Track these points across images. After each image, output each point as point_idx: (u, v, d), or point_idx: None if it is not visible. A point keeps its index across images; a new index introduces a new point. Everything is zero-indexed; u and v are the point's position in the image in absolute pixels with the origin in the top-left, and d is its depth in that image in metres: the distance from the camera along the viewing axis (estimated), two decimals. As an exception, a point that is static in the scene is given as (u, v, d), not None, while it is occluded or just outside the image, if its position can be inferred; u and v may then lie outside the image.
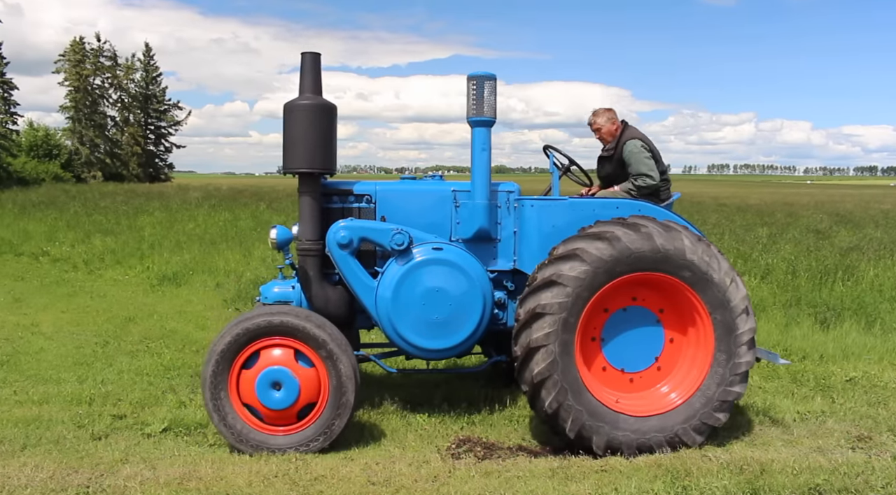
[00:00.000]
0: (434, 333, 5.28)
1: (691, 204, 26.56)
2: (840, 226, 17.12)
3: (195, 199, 23.93)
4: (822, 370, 7.26)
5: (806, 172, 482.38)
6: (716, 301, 4.98)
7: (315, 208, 5.47)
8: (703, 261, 4.95)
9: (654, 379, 5.27)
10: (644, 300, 5.23)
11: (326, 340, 4.95)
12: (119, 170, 52.45)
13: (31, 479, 4.45)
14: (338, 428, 4.99)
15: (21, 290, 12.14)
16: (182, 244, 15.29)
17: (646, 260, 4.92)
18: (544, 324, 4.85)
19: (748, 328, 5.02)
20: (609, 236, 4.91)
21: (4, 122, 40.25)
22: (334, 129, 5.46)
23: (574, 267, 4.87)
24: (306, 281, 5.47)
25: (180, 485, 4.37)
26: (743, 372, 5.05)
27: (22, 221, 19.56)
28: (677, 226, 5.08)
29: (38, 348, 8.13)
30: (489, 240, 5.57)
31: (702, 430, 5.05)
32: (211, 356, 4.95)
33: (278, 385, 4.92)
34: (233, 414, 4.97)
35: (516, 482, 4.50)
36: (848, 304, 9.37)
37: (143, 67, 57.09)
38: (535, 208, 5.47)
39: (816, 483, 4.38)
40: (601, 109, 6.29)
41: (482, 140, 5.40)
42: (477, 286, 5.28)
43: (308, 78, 5.33)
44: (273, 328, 4.95)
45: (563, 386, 4.87)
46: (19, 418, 5.72)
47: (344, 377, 4.94)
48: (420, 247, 5.36)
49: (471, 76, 5.30)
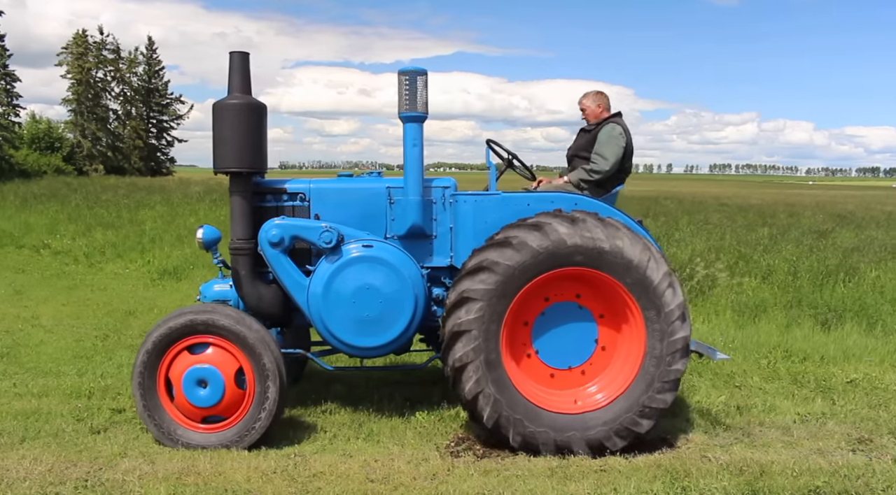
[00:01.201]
0: (365, 331, 5.27)
1: (693, 203, 26.47)
2: (842, 227, 17.07)
3: (196, 194, 23.88)
4: (822, 371, 7.24)
5: (808, 173, 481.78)
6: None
7: (246, 207, 5.46)
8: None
9: (604, 361, 5.18)
10: (557, 295, 5.15)
11: (192, 318, 5.00)
12: (121, 163, 52.38)
13: (30, 472, 4.45)
14: (270, 365, 4.98)
15: (22, 283, 12.15)
16: (183, 238, 15.28)
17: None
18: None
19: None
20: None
21: (7, 114, 40.20)
22: (264, 129, 5.45)
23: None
24: (239, 280, 5.47)
25: (179, 480, 4.37)
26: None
27: (23, 214, 19.55)
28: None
29: (38, 341, 8.14)
30: (424, 237, 5.54)
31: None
32: (142, 414, 5.04)
33: (203, 382, 4.96)
34: (201, 437, 5.02)
35: (515, 481, 4.49)
36: (849, 306, 9.36)
37: (145, 61, 56.98)
38: (469, 204, 5.45)
39: (816, 485, 4.37)
40: (592, 92, 6.27)
41: (414, 135, 5.37)
42: (408, 283, 5.26)
43: (237, 77, 5.31)
44: (155, 351, 5.00)
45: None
46: (18, 411, 5.72)
47: (231, 328, 4.97)
48: (351, 245, 5.34)
49: (402, 71, 5.28)
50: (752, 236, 14.59)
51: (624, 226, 5.05)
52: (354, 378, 6.82)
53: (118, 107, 55.01)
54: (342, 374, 6.89)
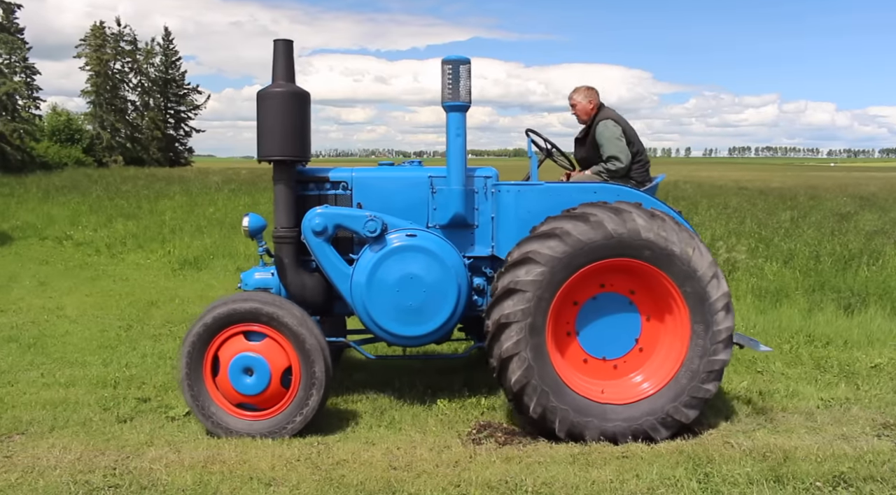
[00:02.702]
0: (408, 320, 5.28)
1: (712, 187, 26.22)
2: (864, 210, 16.84)
3: (215, 184, 24.05)
4: (846, 356, 7.17)
5: (830, 154, 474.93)
6: (682, 273, 4.90)
7: (290, 196, 5.47)
8: (660, 237, 4.86)
9: (638, 361, 5.21)
10: (612, 285, 5.16)
11: (259, 307, 5.00)
12: (139, 154, 52.79)
13: (60, 460, 4.54)
14: (321, 374, 5.00)
15: (46, 274, 12.33)
16: (203, 228, 15.42)
17: (602, 248, 4.85)
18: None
19: (721, 293, 4.94)
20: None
21: (28, 107, 40.57)
22: (308, 117, 5.45)
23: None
24: (282, 268, 5.49)
25: (204, 468, 4.43)
26: (724, 338, 4.96)
27: (46, 205, 19.80)
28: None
29: (64, 331, 8.26)
30: (466, 226, 5.53)
31: (693, 405, 4.98)
32: (182, 383, 5.06)
33: (249, 370, 4.98)
34: (232, 420, 5.05)
35: (537, 468, 4.50)
36: (873, 290, 9.24)
37: (162, 51, 57.23)
38: (511, 194, 5.43)
39: (841, 471, 4.34)
40: (582, 87, 6.23)
41: (457, 125, 5.35)
42: (451, 272, 5.26)
43: (281, 65, 5.30)
44: (210, 328, 5.01)
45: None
46: (47, 400, 5.82)
47: (294, 327, 4.98)
48: (394, 234, 5.35)
49: (445, 60, 5.23)
50: (773, 220, 14.44)
51: (669, 217, 5.04)
52: (376, 366, 6.86)
53: (136, 98, 55.37)
54: (364, 362, 6.93)
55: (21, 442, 4.94)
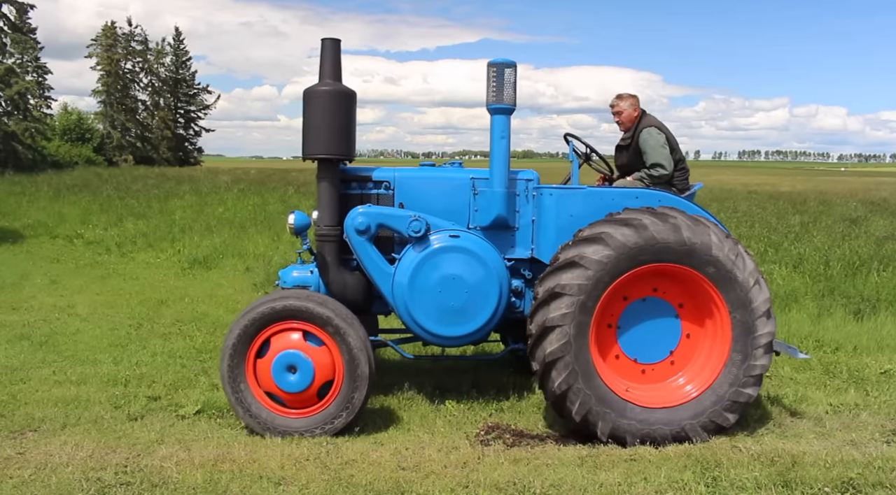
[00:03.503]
0: (450, 320, 5.31)
1: (721, 191, 26.13)
2: (875, 215, 16.74)
3: (224, 183, 24.12)
4: (855, 362, 7.16)
5: (840, 159, 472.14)
6: (737, 300, 4.93)
7: (333, 194, 5.50)
8: (728, 259, 4.90)
9: (666, 373, 5.24)
10: (665, 292, 5.19)
11: (331, 316, 5.00)
12: (149, 153, 53.05)
13: (72, 457, 4.58)
14: (358, 401, 5.03)
15: (57, 272, 12.41)
16: (212, 228, 15.47)
17: (671, 251, 4.88)
18: (562, 304, 4.85)
19: (767, 331, 4.97)
20: (636, 223, 4.88)
21: (39, 106, 40.84)
22: (354, 116, 5.48)
23: (598, 250, 4.85)
24: (324, 266, 5.52)
25: (214, 467, 4.46)
26: (757, 375, 5.00)
27: (57, 204, 19.91)
28: (706, 222, 5.03)
29: (75, 329, 8.32)
30: (507, 229, 5.55)
31: (709, 428, 5.01)
32: (224, 351, 5.05)
33: (293, 368, 4.99)
34: (256, 404, 5.07)
35: (545, 470, 4.51)
36: (883, 295, 9.20)
37: (172, 51, 57.53)
38: (553, 197, 5.45)
39: (850, 477, 4.33)
40: (626, 94, 6.22)
41: (501, 127, 5.38)
42: (493, 274, 5.29)
43: (328, 64, 5.33)
44: (277, 314, 5.02)
45: (574, 368, 4.86)
46: (59, 398, 5.87)
47: (355, 349, 4.99)
48: (437, 235, 5.38)
49: (491, 63, 5.26)
50: (783, 224, 14.39)
51: (712, 223, 5.07)
52: (384, 366, 6.88)
53: (146, 97, 55.66)
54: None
55: (34, 439, 4.99)
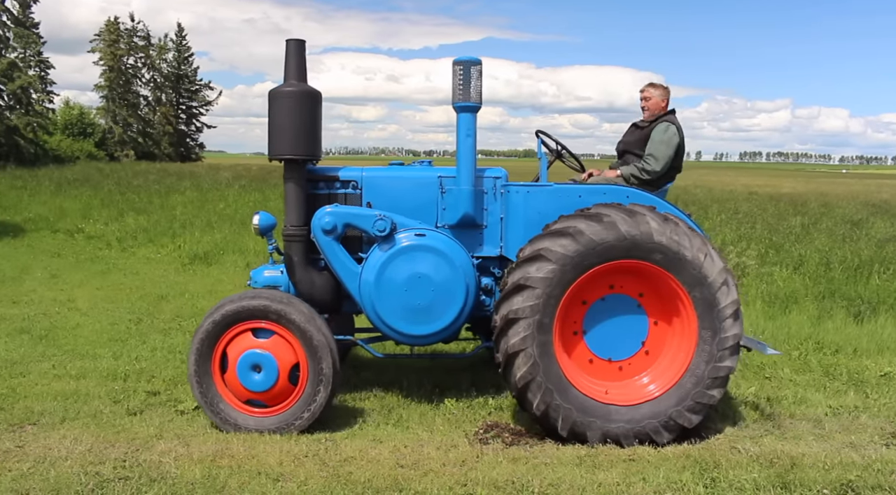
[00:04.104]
0: (416, 319, 5.31)
1: (723, 192, 26.13)
2: (876, 217, 16.73)
3: (226, 179, 24.15)
4: (855, 364, 7.15)
5: (841, 161, 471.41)
6: (692, 279, 4.90)
7: (300, 194, 5.50)
8: (672, 241, 4.86)
9: (643, 364, 5.22)
10: (622, 287, 5.17)
11: (267, 305, 5.02)
12: (151, 149, 53.09)
13: (71, 451, 4.58)
14: (327, 370, 5.03)
15: (57, 266, 12.42)
16: (213, 224, 15.48)
17: (614, 249, 4.86)
18: (519, 329, 4.84)
19: (730, 301, 4.93)
20: (572, 231, 4.86)
21: (41, 101, 40.86)
22: (319, 116, 5.47)
23: (541, 267, 4.84)
24: (292, 266, 5.52)
25: (213, 462, 4.46)
26: (731, 345, 4.96)
27: (58, 199, 19.93)
28: (642, 210, 4.98)
29: (75, 324, 8.32)
30: (475, 227, 5.54)
31: (697, 410, 4.99)
32: (191, 379, 5.09)
33: (258, 367, 5.01)
34: (241, 417, 5.09)
35: (544, 469, 4.51)
36: (884, 298, 9.20)
37: (175, 47, 57.57)
38: (520, 194, 5.44)
39: (849, 479, 4.32)
40: (660, 84, 6.15)
41: (467, 125, 5.37)
42: (460, 272, 5.28)
43: (293, 64, 5.33)
44: (219, 324, 5.04)
45: (547, 387, 4.87)
46: (58, 392, 5.87)
47: (301, 324, 5.00)
48: (403, 233, 5.36)
49: (457, 61, 5.25)
50: (784, 225, 14.39)
51: (682, 221, 5.04)
52: (383, 364, 6.89)
53: (148, 93, 55.72)
54: (371, 361, 6.95)
55: (33, 433, 4.99)
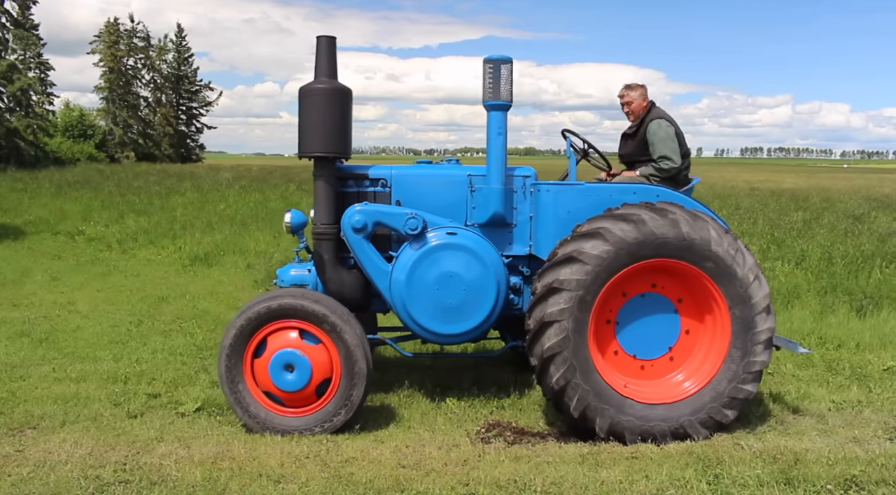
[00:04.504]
0: (447, 318, 5.29)
1: (724, 188, 26.09)
2: (878, 211, 16.69)
3: (226, 180, 24.14)
4: (858, 359, 7.12)
5: (843, 156, 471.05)
6: (737, 296, 4.91)
7: (330, 192, 5.48)
8: (728, 254, 4.87)
9: (665, 369, 5.21)
10: (664, 288, 5.16)
11: (326, 314, 4.99)
12: (151, 150, 53.11)
13: (71, 455, 4.57)
14: (357, 398, 5.01)
15: (58, 269, 12.39)
16: (213, 225, 15.45)
17: (670, 246, 4.85)
18: (560, 299, 4.82)
19: (767, 327, 4.94)
20: (635, 218, 4.85)
21: (41, 103, 40.86)
22: (349, 114, 5.45)
23: (596, 245, 4.82)
24: (321, 264, 5.50)
25: (214, 464, 4.44)
26: (756, 371, 4.98)
27: (58, 201, 19.91)
28: (705, 216, 4.99)
29: (75, 326, 8.30)
30: (505, 225, 5.53)
31: (708, 425, 4.98)
32: (221, 352, 5.04)
33: (291, 367, 4.98)
34: (254, 404, 5.06)
35: (546, 467, 4.49)
36: (886, 292, 9.16)
37: (175, 48, 57.58)
38: (550, 193, 5.41)
39: (853, 474, 4.31)
40: (635, 84, 6.16)
41: (498, 124, 5.36)
42: (491, 271, 5.27)
43: (324, 61, 5.31)
44: (272, 313, 5.00)
45: (572, 363, 4.84)
46: (58, 395, 5.85)
47: (351, 346, 4.98)
48: (434, 232, 5.35)
49: (487, 59, 5.23)
50: (785, 220, 14.35)
51: (711, 218, 5.03)
52: (386, 364, 6.87)
53: (148, 94, 55.75)
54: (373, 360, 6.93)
55: (33, 437, 4.98)
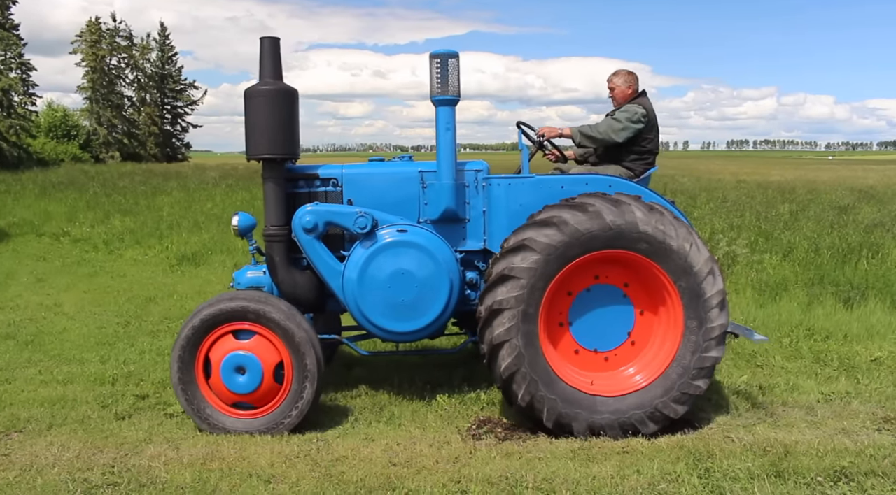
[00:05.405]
0: (400, 315, 5.27)
1: (710, 181, 26.18)
2: (863, 203, 16.82)
3: (212, 179, 23.98)
4: (846, 350, 7.16)
5: (828, 147, 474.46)
6: (678, 268, 4.88)
7: (279, 193, 5.45)
8: (658, 231, 4.84)
9: (630, 355, 5.20)
10: (607, 277, 5.15)
11: (245, 305, 4.98)
12: (136, 150, 52.73)
13: (59, 458, 4.52)
14: (312, 367, 4.99)
15: (43, 270, 12.28)
16: (200, 224, 15.35)
17: (598, 239, 4.83)
18: (504, 319, 4.82)
19: (716, 290, 4.92)
20: (556, 221, 4.83)
21: (24, 103, 40.46)
22: (296, 114, 5.43)
23: (525, 257, 4.81)
24: (274, 266, 5.47)
25: (203, 466, 4.41)
26: (717, 335, 4.95)
27: (43, 202, 19.71)
28: (627, 199, 4.95)
29: (62, 328, 8.23)
30: (458, 221, 5.51)
31: (682, 400, 4.97)
32: (176, 388, 5.03)
33: (241, 369, 4.96)
34: (229, 421, 5.05)
35: (537, 463, 4.49)
36: (872, 283, 9.22)
37: (158, 47, 57.15)
38: (502, 187, 5.40)
39: (842, 465, 4.32)
40: (623, 70, 6.10)
41: (447, 119, 5.33)
42: (443, 267, 5.25)
43: (268, 63, 5.28)
44: (200, 329, 4.99)
45: (532, 378, 4.84)
46: (45, 398, 5.80)
47: (282, 322, 4.96)
48: (386, 230, 5.33)
49: (434, 54, 5.21)
50: (772, 213, 14.42)
51: (667, 210, 5.02)
52: (375, 361, 6.85)
53: (133, 93, 55.34)
54: (362, 358, 6.91)
55: (19, 440, 4.92)
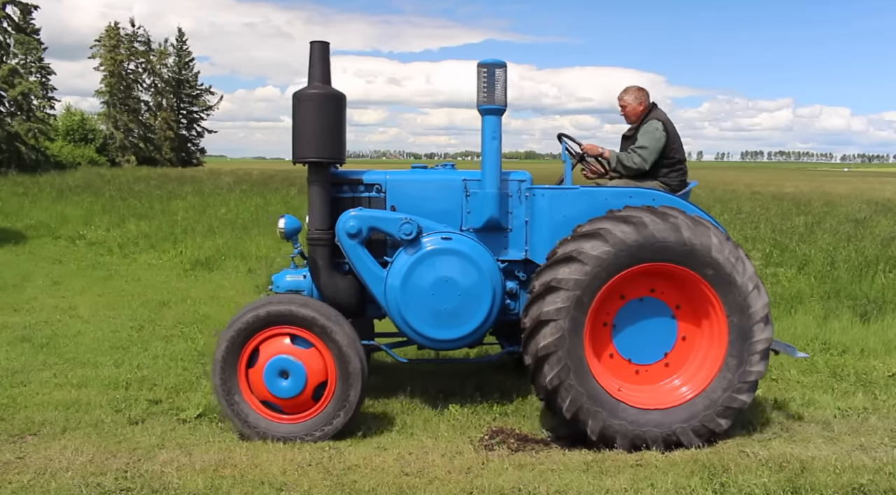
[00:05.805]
0: (443, 323, 5.27)
1: (725, 192, 26.05)
2: (880, 215, 16.65)
3: (227, 184, 24.12)
4: (863, 365, 7.08)
5: (843, 159, 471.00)
6: (735, 304, 4.88)
7: (324, 197, 5.47)
8: (728, 262, 4.84)
9: (660, 375, 5.18)
10: (662, 293, 5.14)
11: (315, 317, 4.97)
12: (152, 154, 53.12)
13: (72, 462, 4.53)
14: (354, 399, 4.99)
15: (59, 273, 12.37)
16: (214, 229, 15.43)
17: (670, 250, 4.82)
18: (557, 298, 4.80)
19: (764, 337, 4.91)
20: (636, 220, 4.83)
21: (42, 107, 40.85)
22: (343, 119, 5.45)
23: (596, 246, 4.80)
24: (316, 270, 5.48)
25: (216, 472, 4.41)
26: (752, 381, 4.94)
27: (59, 205, 19.88)
28: (706, 223, 4.96)
29: (76, 331, 8.28)
30: (500, 230, 5.51)
31: (700, 433, 4.94)
32: (215, 364, 5.02)
33: (285, 373, 4.96)
34: (253, 414, 5.04)
35: (550, 475, 4.46)
36: (890, 297, 9.12)
37: (175, 52, 57.61)
38: (546, 197, 5.40)
39: (860, 483, 4.26)
40: (633, 87, 6.13)
41: (492, 128, 5.34)
42: (486, 276, 5.24)
43: (317, 67, 5.31)
44: (262, 321, 4.99)
45: (566, 364, 4.81)
46: (59, 401, 5.82)
47: (344, 347, 4.96)
48: (430, 237, 5.32)
49: (482, 64, 5.22)
50: (787, 225, 14.31)
51: (712, 224, 5.01)
52: (387, 369, 6.83)
53: (149, 98, 55.75)
54: (375, 366, 6.90)
55: (33, 444, 4.95)
